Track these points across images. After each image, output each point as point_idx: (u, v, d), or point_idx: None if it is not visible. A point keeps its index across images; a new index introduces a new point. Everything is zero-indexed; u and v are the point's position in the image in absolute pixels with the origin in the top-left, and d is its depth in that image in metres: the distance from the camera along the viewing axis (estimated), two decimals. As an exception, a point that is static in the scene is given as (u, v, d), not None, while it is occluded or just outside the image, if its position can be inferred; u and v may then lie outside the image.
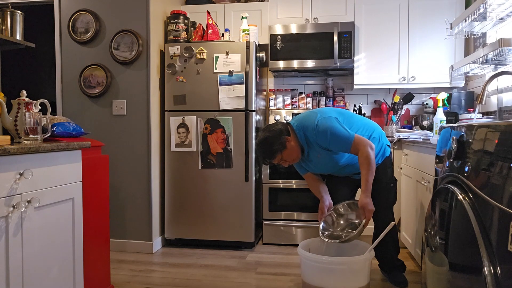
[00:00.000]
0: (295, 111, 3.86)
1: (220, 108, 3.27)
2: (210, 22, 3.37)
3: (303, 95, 3.91)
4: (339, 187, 2.52)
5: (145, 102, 3.19)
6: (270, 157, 2.23)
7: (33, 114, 1.76)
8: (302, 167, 2.50)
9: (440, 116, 2.74)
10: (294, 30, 3.56)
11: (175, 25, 3.36)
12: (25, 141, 1.75)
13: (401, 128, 3.58)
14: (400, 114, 3.62)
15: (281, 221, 3.38)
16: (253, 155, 3.26)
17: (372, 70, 3.53)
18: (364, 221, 2.16)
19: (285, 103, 3.93)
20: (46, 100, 2.10)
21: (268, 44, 3.59)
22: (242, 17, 3.41)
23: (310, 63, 3.55)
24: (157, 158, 3.32)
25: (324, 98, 3.83)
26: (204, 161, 3.30)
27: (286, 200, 3.38)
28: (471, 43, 3.49)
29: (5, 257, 1.49)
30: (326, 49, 3.50)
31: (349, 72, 3.66)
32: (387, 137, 2.60)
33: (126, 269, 2.84)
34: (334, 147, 2.22)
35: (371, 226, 2.65)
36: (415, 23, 3.50)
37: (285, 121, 3.25)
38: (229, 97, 3.25)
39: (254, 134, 3.26)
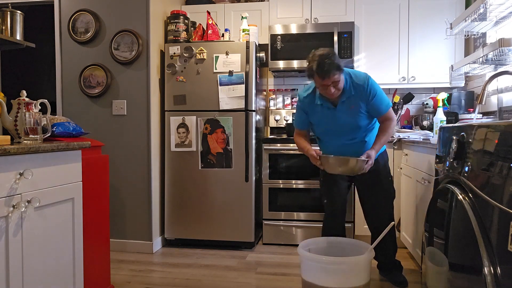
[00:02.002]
0: (295, 111, 3.86)
1: (220, 108, 3.27)
2: (210, 22, 3.37)
3: (303, 95, 3.91)
4: (335, 187, 2.50)
5: (145, 102, 3.20)
6: (338, 69, 2.15)
7: (33, 114, 1.76)
8: (305, 120, 2.43)
9: (440, 116, 2.74)
10: (294, 30, 3.56)
11: (175, 25, 3.36)
12: (25, 141, 1.75)
13: (401, 128, 3.58)
14: (400, 114, 3.62)
15: (281, 221, 3.38)
16: (253, 155, 3.26)
17: (372, 70, 3.53)
18: (365, 153, 2.23)
19: (285, 103, 3.93)
20: (46, 100, 2.10)
21: (268, 44, 3.59)
22: (242, 17, 3.41)
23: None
24: (157, 158, 3.32)
25: (324, 98, 3.82)
26: (204, 161, 3.30)
27: (286, 200, 3.38)
28: (471, 43, 3.49)
29: (5, 257, 1.49)
30: (326, 49, 3.50)
31: (349, 72, 3.66)
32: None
33: (126, 269, 2.84)
34: (375, 101, 2.27)
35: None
36: (415, 23, 3.51)
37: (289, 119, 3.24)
38: (229, 97, 3.25)
39: (254, 134, 3.27)
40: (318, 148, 2.46)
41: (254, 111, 3.26)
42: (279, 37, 3.57)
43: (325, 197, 2.53)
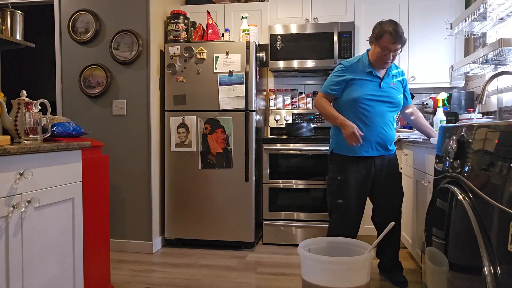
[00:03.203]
0: (295, 111, 3.86)
1: (220, 108, 3.27)
2: (210, 22, 3.37)
3: (303, 95, 3.91)
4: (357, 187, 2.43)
5: (145, 102, 3.20)
6: (405, 42, 2.34)
7: (33, 114, 1.76)
8: (341, 83, 2.40)
9: (440, 116, 2.74)
10: (294, 30, 3.56)
11: (175, 25, 3.36)
12: (25, 141, 1.75)
13: (401, 128, 3.58)
14: (400, 114, 3.62)
15: (281, 221, 3.38)
16: (253, 155, 3.26)
17: (372, 70, 3.52)
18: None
19: (285, 103, 3.93)
20: (46, 100, 2.10)
21: (268, 44, 3.59)
22: (242, 17, 3.41)
23: (310, 63, 3.55)
24: (157, 158, 3.32)
25: (324, 98, 3.82)
26: (204, 161, 3.30)
27: (286, 200, 3.37)
28: (471, 43, 3.49)
29: (5, 257, 1.49)
30: (326, 49, 3.51)
31: (349, 72, 3.66)
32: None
33: (126, 269, 2.84)
34: (406, 88, 2.55)
35: (371, 226, 2.65)
36: (415, 23, 3.51)
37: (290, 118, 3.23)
38: (229, 97, 3.25)
39: (254, 134, 3.26)
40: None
41: (254, 111, 3.26)
42: (279, 37, 3.57)
43: (340, 197, 2.42)
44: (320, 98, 2.47)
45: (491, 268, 1.12)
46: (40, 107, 2.05)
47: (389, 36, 2.26)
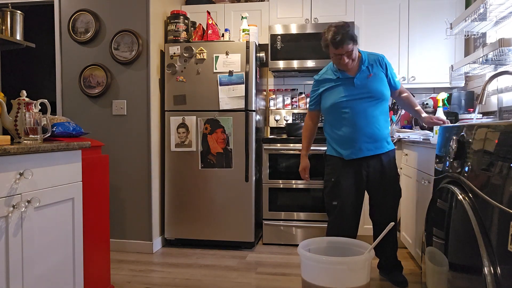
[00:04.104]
0: (295, 111, 3.87)
1: (220, 108, 3.27)
2: (210, 22, 3.37)
3: (303, 95, 3.91)
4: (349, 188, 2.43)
5: (145, 102, 3.19)
6: (352, 39, 2.27)
7: (33, 114, 1.76)
8: (317, 97, 2.49)
9: (440, 116, 2.74)
10: (294, 30, 3.56)
11: (175, 25, 3.36)
12: (25, 141, 1.75)
13: (401, 128, 3.58)
14: (400, 114, 3.62)
15: (281, 221, 3.38)
16: (253, 155, 3.26)
17: (372, 70, 3.52)
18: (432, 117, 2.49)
19: (285, 103, 3.93)
20: (46, 100, 2.10)
21: (268, 44, 3.59)
22: (242, 17, 3.41)
23: (310, 63, 3.55)
24: (157, 158, 3.32)
25: (324, 98, 3.82)
26: (204, 161, 3.30)
27: (286, 200, 3.37)
28: (471, 43, 3.49)
29: (5, 257, 1.49)
30: (326, 49, 3.50)
31: (349, 72, 3.66)
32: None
33: (126, 269, 2.84)
34: (391, 73, 2.46)
35: (371, 226, 2.65)
36: (415, 23, 3.51)
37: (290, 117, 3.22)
38: (229, 97, 3.25)
39: (254, 134, 3.26)
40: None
41: (254, 111, 3.26)
42: (279, 37, 3.57)
43: (334, 199, 2.44)
44: (306, 118, 2.63)
45: (491, 268, 1.12)
46: (40, 107, 2.05)
47: (331, 46, 2.29)
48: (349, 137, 2.36)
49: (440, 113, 2.70)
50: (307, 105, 3.84)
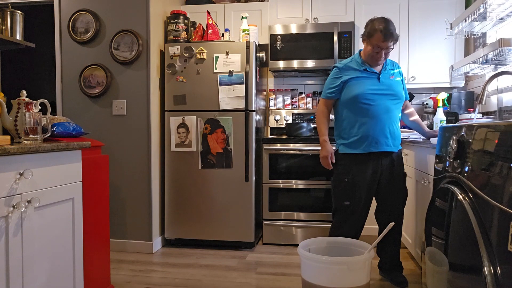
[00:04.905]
0: (295, 111, 3.87)
1: (220, 108, 3.27)
2: (210, 22, 3.37)
3: (303, 95, 3.91)
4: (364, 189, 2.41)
5: (145, 102, 3.20)
6: (397, 39, 2.33)
7: (33, 114, 1.76)
8: (339, 85, 2.42)
9: (440, 116, 2.74)
10: (294, 30, 3.56)
11: (175, 25, 3.36)
12: (25, 141, 1.75)
13: (401, 128, 3.58)
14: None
15: (281, 221, 3.38)
16: (253, 155, 3.26)
17: (372, 70, 3.52)
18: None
19: (285, 103, 3.93)
20: (46, 100, 2.10)
21: (268, 44, 3.59)
22: (242, 17, 3.41)
23: (310, 63, 3.55)
24: (157, 158, 3.32)
25: (324, 98, 3.82)
26: (204, 161, 3.30)
27: (286, 200, 3.37)
28: (471, 43, 3.49)
29: (5, 257, 1.49)
30: (326, 49, 3.51)
31: (349, 72, 3.66)
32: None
33: (126, 269, 2.84)
34: (403, 81, 2.54)
35: (371, 226, 2.65)
36: (415, 23, 3.51)
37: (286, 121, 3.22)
38: (229, 97, 3.25)
39: (254, 134, 3.26)
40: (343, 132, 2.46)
41: (254, 111, 3.26)
42: (279, 37, 3.57)
43: (346, 198, 2.41)
44: (320, 106, 2.52)
45: (491, 268, 1.12)
46: (40, 107, 2.05)
47: (379, 34, 2.26)
48: (371, 129, 2.34)
49: (440, 113, 2.70)
50: (307, 105, 3.86)
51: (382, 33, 2.25)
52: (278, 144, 3.37)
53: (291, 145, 3.35)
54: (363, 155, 2.37)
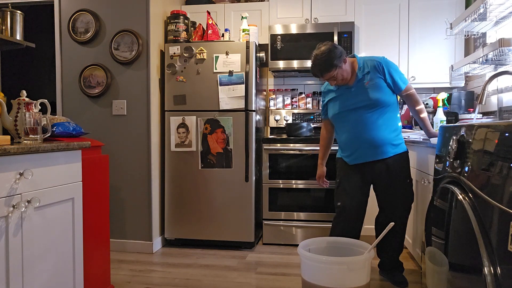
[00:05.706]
0: (295, 111, 3.87)
1: (220, 108, 3.27)
2: (210, 22, 3.37)
3: (303, 95, 3.91)
4: (352, 189, 2.44)
5: (145, 102, 3.19)
6: (331, 66, 2.26)
7: (33, 114, 1.76)
8: (324, 111, 2.56)
9: (440, 116, 2.74)
10: (294, 30, 3.56)
11: (175, 25, 3.36)
12: (25, 141, 1.75)
13: (402, 128, 3.58)
14: (400, 114, 3.62)
15: (281, 221, 3.38)
16: (253, 155, 3.26)
17: (372, 70, 3.52)
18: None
19: (285, 103, 3.93)
20: (46, 100, 2.10)
21: (268, 44, 3.59)
22: (242, 17, 3.41)
23: (310, 63, 3.51)
24: (157, 158, 3.32)
25: (324, 98, 3.83)
26: (204, 161, 3.30)
27: (286, 200, 3.37)
28: (471, 43, 3.49)
29: (5, 257, 1.49)
30: (326, 49, 3.50)
31: (349, 72, 3.66)
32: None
33: (126, 269, 2.84)
34: (392, 74, 2.36)
35: (372, 226, 2.65)
36: (415, 23, 3.51)
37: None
38: (229, 97, 3.25)
39: (254, 134, 3.26)
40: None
41: (254, 111, 3.26)
42: (279, 37, 3.57)
43: (339, 200, 2.46)
44: (321, 127, 2.67)
45: (491, 268, 1.12)
46: (40, 107, 2.05)
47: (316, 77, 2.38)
48: (350, 144, 2.42)
49: (440, 113, 2.70)
50: (307, 105, 3.86)
51: (312, 74, 2.37)
52: (278, 144, 3.37)
53: (291, 145, 3.35)
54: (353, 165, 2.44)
